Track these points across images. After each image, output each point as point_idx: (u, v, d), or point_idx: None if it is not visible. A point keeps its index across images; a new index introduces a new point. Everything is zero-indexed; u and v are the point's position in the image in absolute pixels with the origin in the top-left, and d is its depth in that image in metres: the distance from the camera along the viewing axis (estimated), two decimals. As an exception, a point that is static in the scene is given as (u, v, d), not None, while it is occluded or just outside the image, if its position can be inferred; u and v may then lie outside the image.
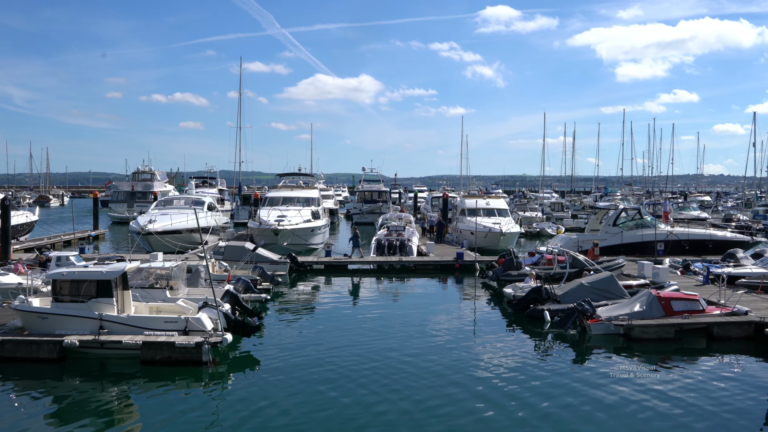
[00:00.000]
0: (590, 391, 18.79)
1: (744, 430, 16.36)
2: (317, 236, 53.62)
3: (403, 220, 56.90)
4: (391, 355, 22.32)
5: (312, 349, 23.12)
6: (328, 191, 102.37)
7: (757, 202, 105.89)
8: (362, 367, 20.89)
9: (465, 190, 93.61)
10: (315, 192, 60.72)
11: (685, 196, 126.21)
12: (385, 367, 20.86)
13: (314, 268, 42.16)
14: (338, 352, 22.77)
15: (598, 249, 40.57)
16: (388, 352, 22.71)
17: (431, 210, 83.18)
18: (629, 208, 52.02)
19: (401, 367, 20.97)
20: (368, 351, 22.86)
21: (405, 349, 23.16)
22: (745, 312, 25.86)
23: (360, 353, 22.55)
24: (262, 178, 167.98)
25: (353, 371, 20.42)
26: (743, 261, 37.54)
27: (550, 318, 26.80)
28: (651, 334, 24.48)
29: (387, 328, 26.63)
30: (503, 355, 22.70)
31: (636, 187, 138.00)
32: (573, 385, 19.45)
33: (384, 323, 27.64)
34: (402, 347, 23.47)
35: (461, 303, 33.97)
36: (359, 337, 24.99)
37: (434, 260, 43.97)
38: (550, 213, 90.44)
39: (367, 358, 21.87)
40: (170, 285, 26.22)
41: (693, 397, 18.41)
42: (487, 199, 62.53)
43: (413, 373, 20.26)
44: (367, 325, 27.19)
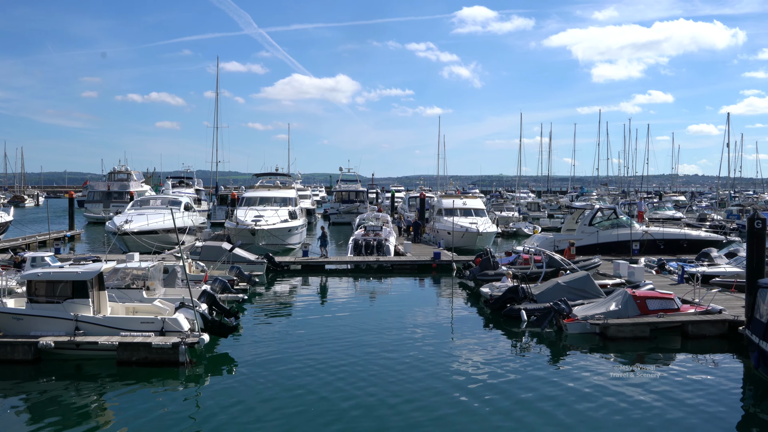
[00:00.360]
0: (567, 390, 18.90)
1: (717, 429, 16.53)
2: (294, 236, 53.51)
3: (380, 220, 56.93)
4: (368, 355, 22.34)
5: (289, 350, 23.10)
6: (306, 191, 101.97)
7: (730, 202, 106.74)
8: (339, 367, 20.88)
9: (442, 190, 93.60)
10: (292, 192, 60.54)
11: (660, 196, 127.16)
12: (363, 367, 20.87)
13: (291, 269, 42.08)
14: (315, 352, 22.75)
15: (574, 248, 40.73)
16: (366, 352, 22.73)
17: (408, 210, 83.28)
18: (605, 207, 52.33)
19: (379, 366, 20.98)
20: (345, 351, 22.86)
21: (382, 349, 23.18)
22: (719, 310, 26.09)
23: (337, 353, 22.54)
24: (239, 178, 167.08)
25: (330, 371, 20.41)
26: (717, 260, 37.89)
27: (526, 317, 26.91)
28: (626, 333, 24.65)
29: (364, 328, 26.63)
30: (480, 355, 22.77)
31: (612, 187, 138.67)
32: (549, 383, 19.55)
33: (361, 323, 27.64)
34: (379, 347, 23.49)
35: (438, 303, 34.04)
36: (336, 337, 24.98)
37: (411, 260, 44.01)
38: (527, 213, 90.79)
39: (344, 359, 21.86)
40: (147, 285, 26.08)
41: (668, 395, 18.56)
42: (464, 199, 62.59)
43: (391, 373, 20.28)
44: (344, 325, 27.18)
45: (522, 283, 29.76)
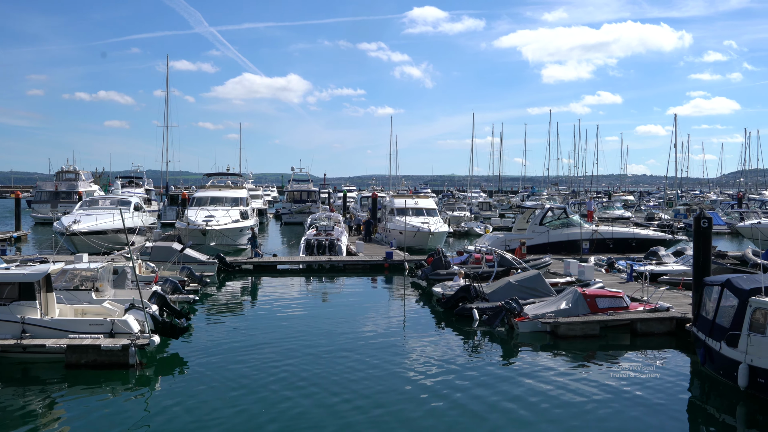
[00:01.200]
0: (518, 388, 19.03)
1: (666, 423, 16.77)
2: (246, 236, 53.11)
3: (332, 220, 56.82)
4: (320, 355, 22.27)
5: (241, 350, 22.94)
6: (257, 191, 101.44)
7: (678, 201, 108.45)
8: (291, 367, 20.78)
9: (394, 190, 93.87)
10: (243, 192, 60.16)
11: (610, 196, 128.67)
12: (314, 368, 20.79)
13: (243, 269, 41.82)
14: (267, 352, 22.63)
15: (525, 248, 41.05)
16: (317, 353, 22.65)
17: (360, 210, 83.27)
18: (555, 207, 52.87)
19: (331, 366, 20.93)
20: (297, 351, 22.76)
21: (334, 349, 23.14)
22: (666, 308, 26.47)
23: (289, 354, 22.44)
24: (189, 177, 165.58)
25: (282, 372, 20.31)
26: (665, 259, 38.49)
27: (478, 316, 27.04)
28: (577, 331, 24.90)
29: (316, 328, 26.56)
30: (432, 354, 22.83)
31: (562, 186, 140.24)
32: (501, 381, 19.67)
33: (313, 323, 27.55)
34: (331, 347, 23.44)
35: (390, 302, 34.08)
36: (288, 338, 24.87)
37: (363, 260, 44.02)
38: (478, 212, 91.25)
39: (296, 359, 21.77)
40: (96, 287, 25.70)
41: (618, 392, 18.78)
42: (415, 198, 62.79)
43: (342, 373, 20.24)
44: (296, 326, 27.08)
45: (474, 283, 29.90)
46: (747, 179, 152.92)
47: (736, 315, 18.98)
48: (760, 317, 18.04)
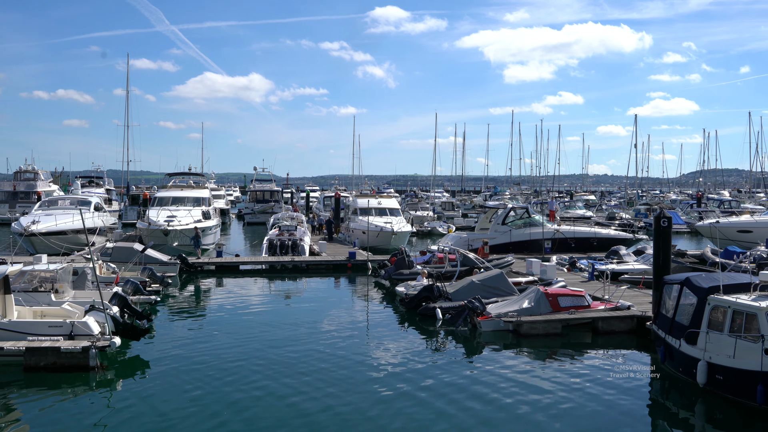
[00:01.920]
0: (480, 387, 19.09)
1: (627, 420, 16.93)
2: (208, 237, 52.76)
3: (295, 220, 56.65)
4: (282, 356, 22.18)
5: (203, 351, 22.77)
6: (219, 191, 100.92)
7: (638, 200, 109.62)
8: (253, 368, 20.68)
9: (357, 190, 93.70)
10: (206, 192, 59.71)
11: (571, 196, 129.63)
12: (277, 368, 20.71)
13: (205, 269, 41.58)
14: (229, 353, 22.49)
15: (487, 247, 41.23)
16: (280, 353, 22.57)
17: (324, 210, 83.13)
18: (518, 207, 53.17)
19: (293, 367, 20.86)
20: (259, 352, 22.67)
21: (297, 349, 23.06)
22: (627, 307, 26.73)
23: (251, 354, 22.33)
24: (151, 177, 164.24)
25: (245, 372, 20.20)
26: (626, 258, 38.88)
27: (441, 316, 27.11)
28: (539, 330, 25.05)
29: (279, 329, 26.46)
30: (396, 353, 22.85)
31: (524, 186, 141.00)
32: (464, 381, 19.73)
33: (276, 324, 27.44)
34: (294, 348, 23.36)
35: (354, 302, 34.06)
36: (250, 339, 24.75)
37: (326, 260, 43.95)
38: (441, 212, 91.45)
39: (258, 360, 21.67)
40: (55, 288, 25.38)
41: (580, 390, 18.92)
42: (378, 198, 62.81)
43: (305, 374, 20.18)
44: (259, 326, 26.95)
45: (437, 282, 29.97)
46: (706, 179, 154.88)
47: (695, 313, 19.23)
48: (719, 315, 18.29)
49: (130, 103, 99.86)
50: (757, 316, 17.07)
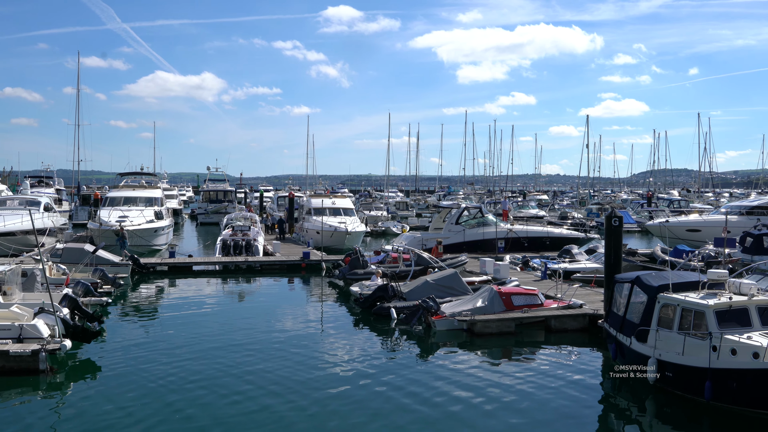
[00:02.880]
0: (435, 386, 19.16)
1: (579, 417, 17.13)
2: (161, 237, 52.33)
3: (249, 220, 56.39)
4: (236, 357, 22.05)
5: (155, 354, 22.53)
6: (172, 191, 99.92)
7: (590, 200, 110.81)
8: (207, 370, 20.52)
9: (311, 190, 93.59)
10: (158, 192, 59.19)
11: (524, 195, 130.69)
12: (230, 369, 20.58)
13: (158, 270, 41.18)
14: (182, 355, 22.29)
15: (441, 247, 41.38)
16: (233, 354, 22.42)
17: (278, 210, 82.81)
18: (471, 206, 53.47)
19: (246, 368, 20.74)
20: (213, 354, 22.49)
21: (250, 351, 22.93)
22: (579, 305, 27.04)
23: (204, 356, 22.16)
24: (102, 177, 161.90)
25: (198, 375, 20.04)
26: (578, 257, 39.31)
27: (396, 315, 27.15)
28: (493, 329, 25.21)
29: (233, 330, 26.29)
30: (350, 353, 22.86)
31: (478, 186, 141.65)
32: (419, 380, 19.80)
33: (230, 325, 27.27)
34: (247, 349, 23.23)
35: (308, 302, 33.99)
36: (204, 340, 24.55)
37: (280, 260, 43.79)
38: (395, 212, 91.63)
39: (211, 361, 21.50)
40: (3, 290, 24.97)
41: (533, 388, 19.09)
42: (333, 198, 62.75)
43: (259, 375, 20.09)
44: (212, 328, 26.76)
45: (391, 282, 30.01)
46: (656, 179, 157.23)
47: (645, 311, 19.50)
48: (668, 313, 18.58)
49: (80, 101, 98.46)
50: (705, 314, 17.36)
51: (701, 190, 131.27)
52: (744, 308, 17.52)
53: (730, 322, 17.27)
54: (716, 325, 17.08)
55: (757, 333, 16.85)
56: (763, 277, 26.52)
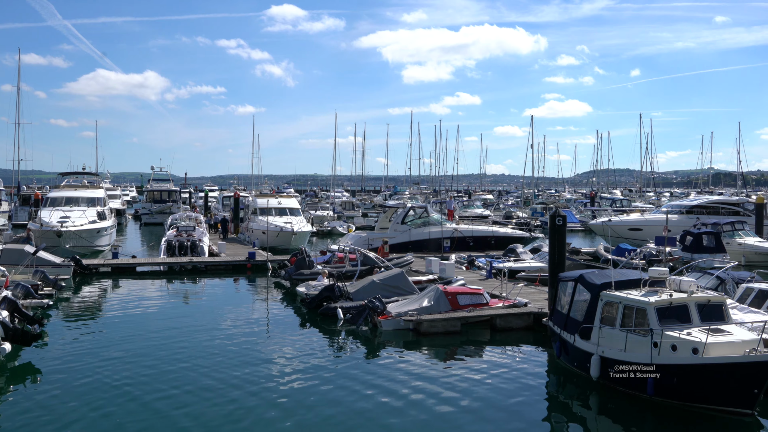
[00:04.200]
0: (381, 386, 19.20)
1: (524, 415, 17.30)
2: (103, 238, 51.59)
3: (194, 220, 55.92)
4: (181, 359, 21.83)
5: (98, 357, 22.18)
6: (115, 191, 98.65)
7: (534, 200, 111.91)
8: (150, 373, 20.28)
9: (257, 190, 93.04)
10: (101, 192, 58.34)
11: (470, 195, 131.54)
12: (175, 372, 20.37)
13: (100, 271, 40.59)
14: (126, 358, 21.97)
15: (387, 246, 41.50)
16: (178, 356, 22.21)
17: (223, 210, 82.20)
18: (417, 206, 53.75)
19: (191, 370, 20.56)
20: (157, 356, 22.23)
21: (195, 352, 22.72)
22: (524, 304, 27.30)
23: (148, 359, 21.88)
24: (43, 177, 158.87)
25: (142, 377, 19.80)
26: (522, 256, 39.69)
27: (342, 315, 27.13)
28: (439, 328, 25.33)
29: (177, 332, 26.02)
30: (297, 354, 22.78)
31: (423, 186, 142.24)
32: (365, 380, 19.82)
33: (174, 326, 26.97)
34: (192, 350, 23.02)
35: (254, 303, 33.80)
36: (148, 342, 24.25)
37: (226, 260, 43.49)
38: (341, 212, 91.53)
39: (155, 364, 21.25)
40: (-60, 292, 24.40)
41: (479, 386, 19.24)
42: (278, 198, 62.49)
43: (204, 376, 19.92)
44: (157, 329, 26.45)
45: (337, 282, 30.00)
46: (599, 179, 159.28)
47: (588, 309, 19.80)
48: (611, 310, 18.89)
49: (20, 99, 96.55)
50: (646, 311, 17.69)
51: (643, 190, 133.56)
52: (684, 305, 17.89)
53: (670, 318, 17.63)
54: (657, 321, 17.40)
55: (697, 329, 17.22)
56: (703, 274, 27.11)
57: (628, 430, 16.97)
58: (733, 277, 26.24)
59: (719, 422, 16.22)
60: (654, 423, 16.95)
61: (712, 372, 16.02)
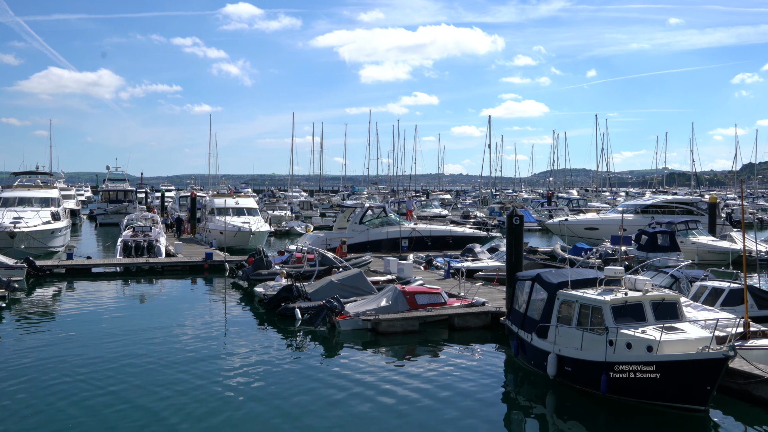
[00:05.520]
0: (339, 386, 19.19)
1: (481, 413, 17.38)
2: (57, 238, 50.92)
3: (150, 220, 55.41)
4: (137, 361, 21.60)
5: (52, 360, 21.83)
6: (70, 191, 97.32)
7: (492, 199, 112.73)
8: (106, 376, 20.03)
9: (214, 189, 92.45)
10: (54, 192, 57.60)
11: (428, 195, 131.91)
12: (131, 373, 20.18)
13: (54, 273, 40.04)
14: (80, 360, 21.69)
15: (345, 246, 41.48)
16: (134, 358, 21.96)
17: (179, 210, 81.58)
18: (375, 206, 53.73)
19: (148, 372, 20.37)
20: (113, 358, 21.97)
21: (152, 354, 22.49)
22: (482, 303, 27.44)
23: (105, 361, 21.63)
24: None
25: (97, 380, 19.56)
26: (480, 255, 39.90)
27: (300, 316, 27.07)
28: (397, 328, 25.37)
29: (133, 333, 25.73)
30: (255, 354, 22.70)
31: (382, 186, 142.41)
32: (323, 380, 19.80)
33: (130, 328, 26.67)
34: (148, 352, 22.78)
35: (212, 304, 33.57)
36: (104, 345, 23.94)
37: (183, 261, 43.15)
38: (299, 212, 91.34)
39: (112, 366, 21.00)
40: None
41: (437, 385, 19.28)
42: (236, 198, 62.28)
43: (160, 378, 19.75)
44: (113, 331, 26.12)
45: (296, 282, 29.92)
46: (555, 178, 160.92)
47: (545, 308, 19.96)
48: (567, 309, 19.06)
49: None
50: (602, 310, 17.88)
51: (599, 190, 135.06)
52: (639, 303, 18.12)
53: (625, 317, 17.83)
54: (613, 320, 17.60)
55: (651, 327, 17.45)
56: (657, 273, 27.50)
57: (584, 427, 17.13)
58: (687, 275, 26.68)
59: (673, 419, 16.45)
60: (609, 420, 17.13)
61: (666, 369, 16.23)
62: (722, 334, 17.81)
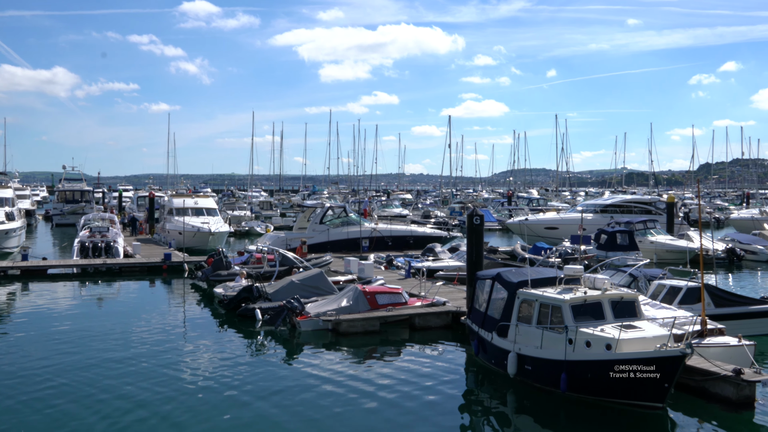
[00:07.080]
0: (300, 387, 19.13)
1: (442, 413, 17.40)
2: (12, 239, 50.19)
3: (107, 221, 54.78)
4: (94, 363, 21.33)
5: (7, 364, 21.49)
6: (24, 191, 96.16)
7: (452, 199, 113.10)
8: (63, 378, 19.77)
9: (173, 189, 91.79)
10: (9, 192, 56.76)
11: (388, 194, 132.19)
12: (89, 375, 19.92)
13: (9, 274, 39.40)
14: (36, 363, 21.36)
15: (306, 246, 41.34)
16: (92, 361, 21.68)
17: (137, 210, 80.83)
18: (335, 206, 53.63)
19: (106, 374, 20.12)
20: (69, 361, 21.65)
21: (110, 356, 22.23)
22: (443, 303, 27.48)
23: (60, 364, 21.28)
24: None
25: (54, 383, 19.29)
26: (441, 255, 39.97)
27: (261, 316, 26.90)
28: (358, 328, 25.32)
29: (90, 335, 25.38)
30: (215, 356, 22.53)
31: (342, 185, 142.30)
32: (283, 381, 19.76)
33: (87, 330, 26.31)
34: (107, 354, 22.51)
35: (170, 305, 33.26)
36: (59, 348, 23.54)
37: (141, 262, 42.71)
38: (259, 212, 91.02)
39: (68, 369, 20.71)
40: None
41: (398, 385, 19.28)
42: (195, 198, 61.90)
43: (119, 381, 19.51)
44: (69, 334, 25.74)
45: (256, 283, 29.75)
46: (516, 178, 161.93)
47: (505, 307, 20.03)
48: (527, 308, 19.14)
49: None
50: (561, 308, 17.98)
51: (559, 189, 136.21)
52: (598, 302, 18.24)
53: (585, 315, 17.94)
54: (572, 318, 17.70)
55: (610, 326, 17.57)
56: (616, 272, 27.73)
57: (544, 425, 17.22)
58: (645, 274, 26.94)
59: (631, 416, 16.59)
60: (568, 419, 17.23)
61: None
62: (680, 332, 17.98)
